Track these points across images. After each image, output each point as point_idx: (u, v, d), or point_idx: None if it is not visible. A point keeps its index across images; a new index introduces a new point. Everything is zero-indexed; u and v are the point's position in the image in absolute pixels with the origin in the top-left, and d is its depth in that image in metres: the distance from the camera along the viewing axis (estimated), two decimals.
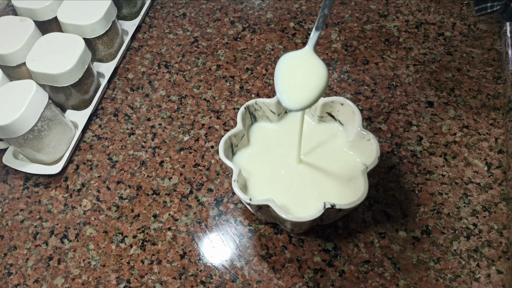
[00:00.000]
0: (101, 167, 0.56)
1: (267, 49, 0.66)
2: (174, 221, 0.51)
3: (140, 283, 0.47)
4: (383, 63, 0.62)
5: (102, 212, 0.53)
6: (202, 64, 0.65)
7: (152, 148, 0.57)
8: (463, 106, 0.57)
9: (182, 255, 0.49)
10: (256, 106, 0.48)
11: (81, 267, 0.49)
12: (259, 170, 0.47)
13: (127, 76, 0.65)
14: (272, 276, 0.46)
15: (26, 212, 0.54)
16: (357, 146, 0.46)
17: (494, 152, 0.53)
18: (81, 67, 0.57)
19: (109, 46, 0.65)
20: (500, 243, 0.46)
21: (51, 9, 0.62)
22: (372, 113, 0.57)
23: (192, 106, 0.61)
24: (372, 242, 0.48)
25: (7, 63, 0.58)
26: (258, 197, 0.44)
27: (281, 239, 0.49)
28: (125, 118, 0.61)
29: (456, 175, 0.51)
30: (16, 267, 0.50)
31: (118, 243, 0.50)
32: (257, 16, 0.70)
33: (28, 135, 0.51)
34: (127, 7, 0.70)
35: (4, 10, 0.72)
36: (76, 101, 0.60)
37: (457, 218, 0.48)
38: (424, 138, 0.55)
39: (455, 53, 0.62)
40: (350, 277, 0.46)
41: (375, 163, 0.42)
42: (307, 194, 0.45)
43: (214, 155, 0.56)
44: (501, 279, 0.44)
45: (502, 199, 0.49)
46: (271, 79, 0.62)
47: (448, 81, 0.59)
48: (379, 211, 0.49)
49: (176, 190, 0.53)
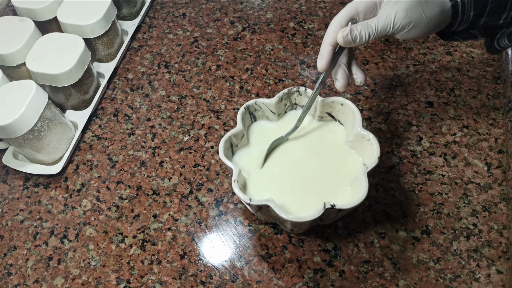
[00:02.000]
0: (101, 167, 0.56)
1: (267, 49, 0.66)
2: (174, 221, 0.51)
3: (140, 283, 0.47)
4: (383, 63, 0.62)
5: (102, 212, 0.53)
6: (202, 64, 0.65)
7: (152, 148, 0.57)
8: (463, 106, 0.57)
9: (182, 255, 0.49)
10: (256, 106, 0.48)
11: (81, 267, 0.49)
12: (259, 170, 0.47)
13: (127, 76, 0.65)
14: (272, 276, 0.46)
15: (26, 212, 0.54)
16: (357, 146, 0.46)
17: (494, 152, 0.53)
18: (81, 67, 0.57)
19: (109, 46, 0.65)
20: (500, 243, 0.46)
21: (51, 9, 0.62)
22: (372, 113, 0.57)
23: (192, 106, 0.61)
24: (372, 242, 0.48)
25: (7, 63, 0.58)
26: (258, 197, 0.44)
27: (281, 239, 0.49)
28: (125, 118, 0.61)
29: (456, 175, 0.51)
30: (16, 267, 0.50)
31: (118, 243, 0.50)
32: (257, 16, 0.70)
33: (28, 135, 0.51)
34: (127, 7, 0.70)
35: (4, 10, 0.72)
36: (76, 101, 0.60)
37: (457, 218, 0.48)
38: (424, 138, 0.55)
39: (455, 53, 0.62)
40: (350, 277, 0.46)
41: (375, 163, 0.42)
42: (307, 194, 0.45)
43: (214, 155, 0.56)
44: (501, 279, 0.44)
45: (502, 199, 0.49)
46: (271, 79, 0.62)
47: (448, 81, 0.59)
48: (379, 211, 0.49)
49: (176, 190, 0.53)
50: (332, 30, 0.41)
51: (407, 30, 0.39)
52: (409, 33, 0.40)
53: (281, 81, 0.62)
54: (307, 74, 0.62)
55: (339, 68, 0.43)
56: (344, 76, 0.43)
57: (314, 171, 0.46)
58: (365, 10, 0.40)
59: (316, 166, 0.47)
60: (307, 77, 0.62)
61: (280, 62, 0.64)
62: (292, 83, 0.62)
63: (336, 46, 0.42)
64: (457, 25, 0.41)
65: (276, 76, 0.62)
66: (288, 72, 0.63)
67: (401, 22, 0.39)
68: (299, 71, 0.63)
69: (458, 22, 0.40)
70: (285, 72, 0.63)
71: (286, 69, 0.63)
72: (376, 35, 0.40)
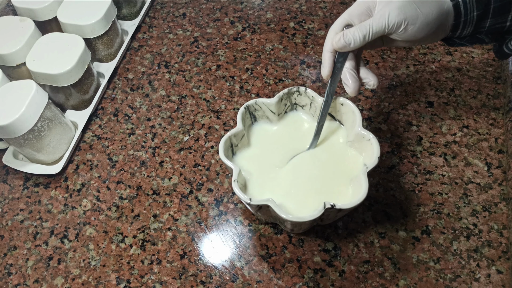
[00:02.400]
0: (101, 167, 0.56)
1: (267, 49, 0.66)
2: (174, 221, 0.51)
3: (140, 283, 0.47)
4: (383, 63, 0.62)
5: (102, 212, 0.53)
6: (202, 64, 0.65)
7: (152, 148, 0.57)
8: (463, 106, 0.57)
9: (182, 255, 0.49)
10: (256, 106, 0.48)
11: (81, 267, 0.49)
12: (259, 170, 0.47)
13: (127, 76, 0.65)
14: (272, 276, 0.46)
15: (26, 212, 0.54)
16: (357, 146, 0.46)
17: (494, 152, 0.53)
18: (81, 67, 0.57)
19: (109, 46, 0.65)
20: (500, 243, 0.46)
21: (51, 9, 0.62)
22: (372, 113, 0.57)
23: (192, 106, 0.61)
24: (372, 242, 0.48)
25: (7, 63, 0.58)
26: (258, 197, 0.44)
27: (281, 239, 0.49)
28: (125, 118, 0.61)
29: (456, 175, 0.51)
30: (16, 267, 0.50)
31: (118, 243, 0.50)
32: (257, 16, 0.70)
33: (28, 135, 0.51)
34: (127, 7, 0.70)
35: (4, 10, 0.72)
36: (76, 101, 0.60)
37: (457, 218, 0.48)
38: (424, 138, 0.55)
39: (455, 53, 0.62)
40: (350, 277, 0.46)
41: (375, 163, 0.42)
42: (307, 194, 0.45)
43: (214, 155, 0.56)
44: (501, 279, 0.44)
45: (502, 199, 0.49)
46: (271, 79, 0.62)
47: (448, 81, 0.59)
48: (379, 211, 0.49)
49: (176, 190, 0.53)
50: (329, 38, 0.42)
51: (403, 27, 0.39)
52: (407, 31, 0.39)
53: (281, 81, 0.62)
54: (307, 74, 0.62)
55: (347, 74, 0.43)
56: (353, 80, 0.42)
57: (314, 171, 0.46)
58: (360, 14, 0.41)
59: (316, 166, 0.47)
60: (307, 77, 0.62)
61: (280, 62, 0.64)
62: (292, 83, 0.62)
63: (335, 52, 0.42)
64: (461, 27, 0.40)
65: (276, 76, 0.62)
66: (288, 72, 0.63)
67: (396, 19, 0.39)
68: (299, 71, 0.63)
69: (462, 23, 0.40)
70: (285, 72, 0.63)
71: (286, 69, 0.63)
72: (371, 35, 0.40)
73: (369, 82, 0.43)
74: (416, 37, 0.40)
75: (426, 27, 0.39)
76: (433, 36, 0.41)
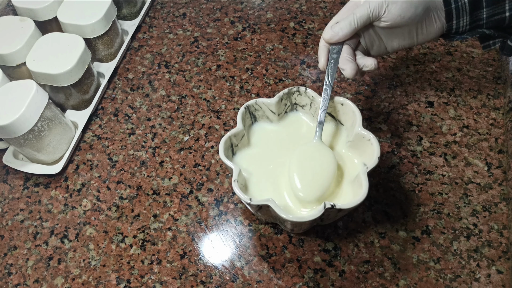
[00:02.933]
0: (101, 167, 0.56)
1: (267, 49, 0.66)
2: (174, 221, 0.51)
3: (140, 283, 0.47)
4: (383, 63, 0.62)
5: (102, 212, 0.53)
6: (202, 64, 0.65)
7: (152, 148, 0.57)
8: (463, 106, 0.57)
9: (182, 255, 0.49)
10: (256, 106, 0.48)
11: (81, 267, 0.49)
12: (259, 170, 0.47)
13: (127, 76, 0.65)
14: (272, 276, 0.46)
15: (26, 212, 0.54)
16: (357, 146, 0.46)
17: (494, 152, 0.53)
18: (81, 67, 0.57)
19: (109, 46, 0.65)
20: (500, 243, 0.46)
21: (51, 9, 0.62)
22: (372, 113, 0.57)
23: (192, 106, 0.61)
24: (372, 242, 0.48)
25: (7, 63, 0.58)
26: (258, 197, 0.44)
27: (281, 239, 0.49)
28: (125, 118, 0.61)
29: (456, 175, 0.51)
30: (16, 267, 0.50)
31: (118, 243, 0.50)
32: (257, 16, 0.70)
33: (28, 135, 0.51)
34: (127, 7, 0.70)
35: (4, 10, 0.72)
36: (76, 101, 0.60)
37: (457, 218, 0.48)
38: (424, 138, 0.55)
39: (455, 53, 0.62)
40: (350, 277, 0.46)
41: (375, 163, 0.42)
42: None
43: (214, 155, 0.56)
44: (501, 279, 0.44)
45: (502, 199, 0.49)
46: (271, 79, 0.62)
47: (448, 81, 0.59)
48: (379, 211, 0.49)
49: (176, 190, 0.53)
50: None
51: (385, 7, 0.40)
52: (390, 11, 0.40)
53: (281, 81, 0.62)
54: (307, 74, 0.62)
55: (343, 60, 0.44)
56: (349, 64, 0.43)
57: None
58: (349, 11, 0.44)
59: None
60: (307, 77, 0.62)
61: (280, 62, 0.64)
62: (293, 83, 0.62)
63: (329, 45, 0.45)
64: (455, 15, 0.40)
65: (276, 76, 0.62)
66: (288, 72, 0.63)
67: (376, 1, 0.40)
68: (299, 71, 0.63)
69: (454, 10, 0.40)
70: (285, 72, 0.63)
71: (286, 69, 0.63)
72: (356, 20, 0.42)
73: (367, 63, 0.44)
74: (403, 17, 0.41)
75: (410, 6, 0.40)
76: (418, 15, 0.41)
